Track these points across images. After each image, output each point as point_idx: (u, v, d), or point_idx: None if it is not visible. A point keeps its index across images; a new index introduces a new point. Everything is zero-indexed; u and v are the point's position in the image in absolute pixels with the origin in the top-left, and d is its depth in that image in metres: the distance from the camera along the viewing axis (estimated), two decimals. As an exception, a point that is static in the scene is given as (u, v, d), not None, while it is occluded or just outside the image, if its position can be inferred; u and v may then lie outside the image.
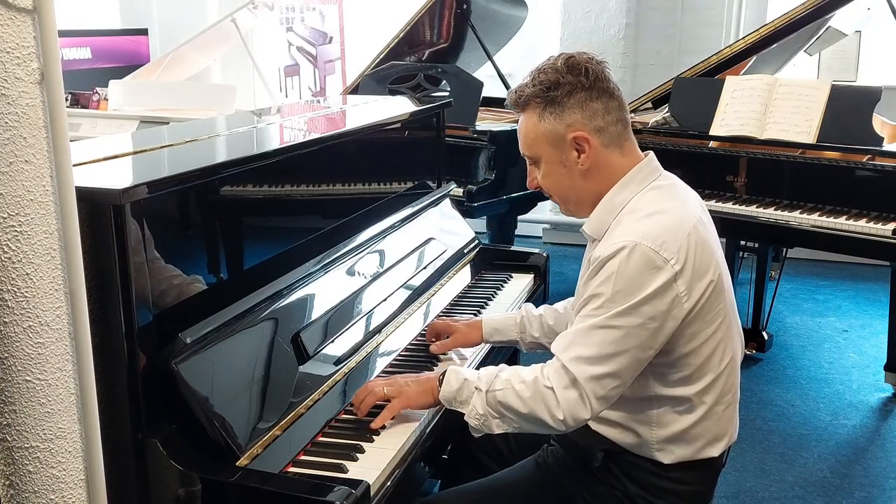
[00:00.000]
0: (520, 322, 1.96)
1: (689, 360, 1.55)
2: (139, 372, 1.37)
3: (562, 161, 1.60)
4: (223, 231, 1.68)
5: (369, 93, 3.99)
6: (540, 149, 1.61)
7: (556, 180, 1.63)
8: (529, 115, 1.61)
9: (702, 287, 1.51)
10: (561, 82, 1.57)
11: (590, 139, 1.57)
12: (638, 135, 3.64)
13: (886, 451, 3.04)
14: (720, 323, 1.57)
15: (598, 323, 1.49)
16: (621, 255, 1.48)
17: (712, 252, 1.56)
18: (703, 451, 1.61)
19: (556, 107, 1.57)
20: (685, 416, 1.58)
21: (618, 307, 1.47)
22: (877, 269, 4.62)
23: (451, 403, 1.61)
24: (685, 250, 1.49)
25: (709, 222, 1.64)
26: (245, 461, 1.41)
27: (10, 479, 1.15)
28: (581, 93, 1.56)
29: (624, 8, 5.28)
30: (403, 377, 1.72)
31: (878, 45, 4.67)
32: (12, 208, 1.06)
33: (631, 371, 1.51)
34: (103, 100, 4.37)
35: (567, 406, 1.49)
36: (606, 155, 1.59)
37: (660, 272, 1.47)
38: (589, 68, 1.57)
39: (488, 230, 4.09)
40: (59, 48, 1.09)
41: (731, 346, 1.61)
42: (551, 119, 1.57)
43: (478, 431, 1.60)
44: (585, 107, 1.56)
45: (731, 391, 1.63)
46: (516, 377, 1.55)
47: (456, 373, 1.61)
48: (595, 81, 1.57)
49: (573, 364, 1.49)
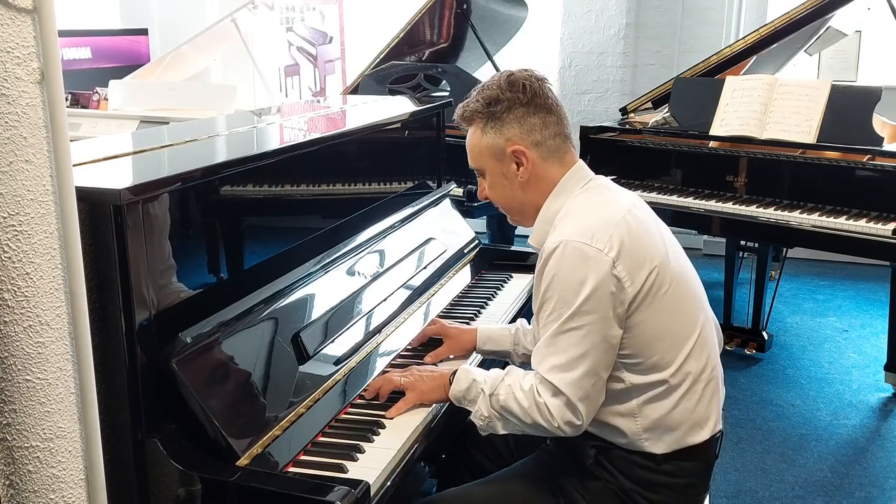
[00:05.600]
0: (514, 334, 1.98)
1: (655, 344, 1.58)
2: (139, 372, 1.37)
3: (503, 173, 1.68)
4: (223, 231, 1.68)
5: (369, 93, 3.99)
6: (484, 161, 1.69)
7: (500, 192, 1.71)
8: (474, 129, 1.69)
9: (645, 271, 1.55)
10: (500, 98, 1.65)
11: (527, 153, 1.65)
12: (638, 135, 3.70)
13: (886, 451, 3.04)
14: (677, 302, 1.60)
15: (558, 329, 1.54)
16: (556, 255, 1.55)
17: (650, 236, 1.61)
18: (690, 435, 1.63)
19: (496, 122, 1.65)
20: (664, 400, 1.61)
21: (569, 308, 1.53)
22: (877, 269, 4.62)
23: (461, 402, 1.67)
24: (617, 237, 1.54)
25: (644, 210, 1.69)
26: (245, 461, 1.41)
27: (10, 478, 1.15)
28: (519, 108, 1.64)
29: (624, 8, 5.28)
30: (419, 369, 1.78)
31: (878, 45, 4.67)
32: (12, 208, 1.06)
33: (604, 364, 1.56)
34: (103, 100, 4.37)
35: (559, 414, 1.54)
36: (545, 168, 1.67)
37: (595, 262, 1.52)
38: (527, 85, 1.65)
39: (488, 230, 4.09)
40: (59, 48, 1.09)
41: (698, 323, 1.64)
42: (492, 133, 1.66)
43: (483, 431, 1.66)
44: (523, 122, 1.64)
45: (706, 370, 1.65)
46: (517, 384, 1.60)
47: (466, 372, 1.68)
48: (533, 97, 1.65)
49: (550, 374, 1.55)
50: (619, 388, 1.61)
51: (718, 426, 1.69)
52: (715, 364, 1.69)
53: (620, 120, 3.97)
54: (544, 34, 5.53)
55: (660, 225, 1.70)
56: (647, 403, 1.61)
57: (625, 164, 3.71)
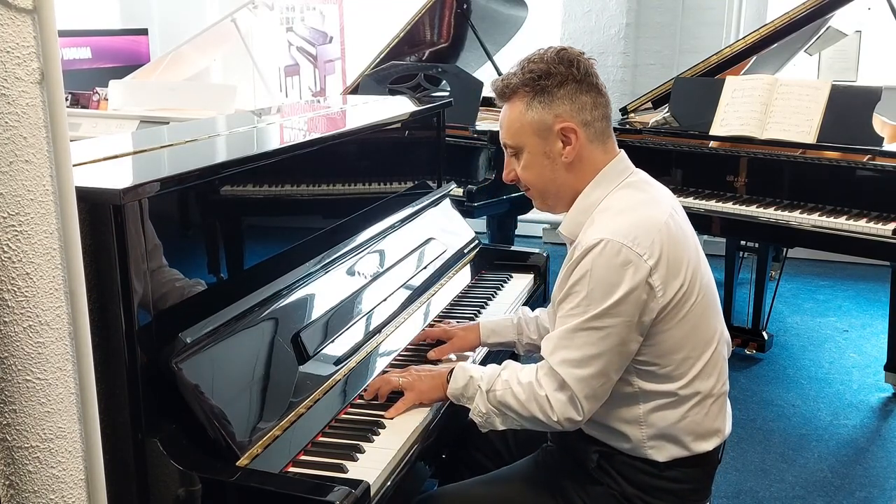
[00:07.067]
0: (517, 324, 1.96)
1: (669, 355, 1.56)
2: (139, 372, 1.37)
3: (545, 152, 1.59)
4: (223, 231, 1.68)
5: (369, 93, 3.99)
6: (524, 138, 1.60)
7: (538, 172, 1.62)
8: (516, 104, 1.60)
9: (678, 282, 1.52)
10: (552, 72, 1.57)
11: (577, 131, 1.57)
12: (638, 135, 3.70)
13: (887, 451, 3.04)
14: (700, 315, 1.57)
15: (580, 324, 1.50)
16: (594, 252, 1.49)
17: (687, 244, 1.57)
18: (696, 445, 1.62)
19: (545, 96, 1.57)
20: (672, 410, 1.59)
21: (596, 308, 1.49)
22: (877, 269, 4.62)
23: (459, 400, 1.65)
24: (658, 244, 1.50)
25: (681, 215, 1.64)
26: (245, 461, 1.41)
27: (10, 479, 1.15)
28: (572, 84, 1.57)
29: (624, 8, 5.28)
30: (417, 369, 1.76)
31: (878, 45, 4.67)
32: (12, 208, 1.06)
33: (616, 367, 1.53)
34: (103, 100, 4.37)
35: (559, 408, 1.52)
36: (590, 150, 1.60)
37: (634, 268, 1.48)
38: (580, 61, 1.58)
39: (488, 230, 4.09)
40: (59, 48, 1.09)
41: (715, 338, 1.62)
42: (540, 108, 1.57)
43: (483, 428, 1.64)
44: (575, 99, 1.57)
45: (717, 385, 1.63)
46: (514, 378, 1.57)
47: (463, 370, 1.66)
48: (586, 75, 1.58)
49: (561, 367, 1.51)
50: (628, 392, 1.59)
51: (725, 436, 1.68)
52: (725, 380, 1.67)
53: (620, 120, 3.97)
54: (544, 34, 5.52)
55: (692, 230, 1.65)
56: (654, 412, 1.59)
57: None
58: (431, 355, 1.93)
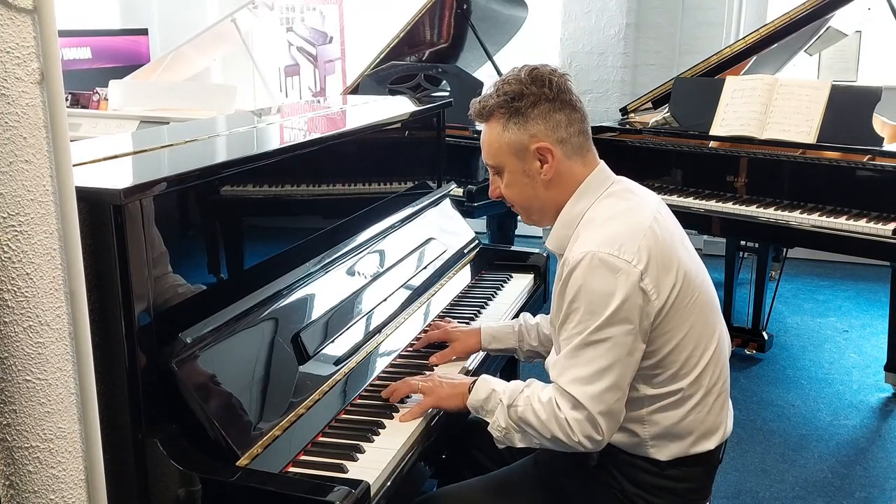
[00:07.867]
0: (518, 331, 1.96)
1: (673, 357, 1.56)
2: (139, 372, 1.37)
3: (524, 171, 1.62)
4: (223, 231, 1.68)
5: (369, 93, 3.99)
6: (503, 158, 1.63)
7: (520, 190, 1.64)
8: (493, 125, 1.62)
9: (670, 282, 1.53)
10: (525, 93, 1.59)
11: (552, 150, 1.59)
12: (638, 135, 3.70)
13: (887, 452, 3.04)
14: (697, 315, 1.58)
15: (584, 340, 1.50)
16: (582, 267, 1.50)
17: (674, 245, 1.58)
18: (698, 444, 1.62)
19: (519, 117, 1.59)
20: (675, 410, 1.59)
21: (597, 320, 1.49)
22: (877, 269, 4.62)
23: (479, 411, 1.64)
24: (645, 248, 1.51)
25: (668, 217, 1.65)
26: (245, 461, 1.41)
27: (10, 479, 1.15)
28: (545, 104, 1.58)
29: (624, 8, 5.28)
30: (440, 375, 1.76)
31: (878, 45, 4.67)
32: (12, 208, 1.06)
33: (626, 379, 1.53)
34: (103, 100, 4.37)
35: (579, 428, 1.51)
36: (569, 166, 1.61)
37: (624, 275, 1.48)
38: (552, 80, 1.60)
39: (488, 230, 4.09)
40: (59, 48, 1.09)
41: (714, 337, 1.62)
42: (515, 129, 1.59)
43: (501, 443, 1.63)
44: (549, 118, 1.59)
45: (719, 382, 1.64)
46: (536, 396, 1.56)
47: (486, 382, 1.64)
48: (558, 93, 1.59)
49: (572, 387, 1.51)
50: (632, 397, 1.58)
51: (727, 435, 1.68)
52: (727, 377, 1.67)
53: (620, 120, 3.97)
54: (544, 34, 5.53)
55: (681, 230, 1.66)
56: (657, 412, 1.59)
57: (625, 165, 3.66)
58: (433, 360, 1.92)
